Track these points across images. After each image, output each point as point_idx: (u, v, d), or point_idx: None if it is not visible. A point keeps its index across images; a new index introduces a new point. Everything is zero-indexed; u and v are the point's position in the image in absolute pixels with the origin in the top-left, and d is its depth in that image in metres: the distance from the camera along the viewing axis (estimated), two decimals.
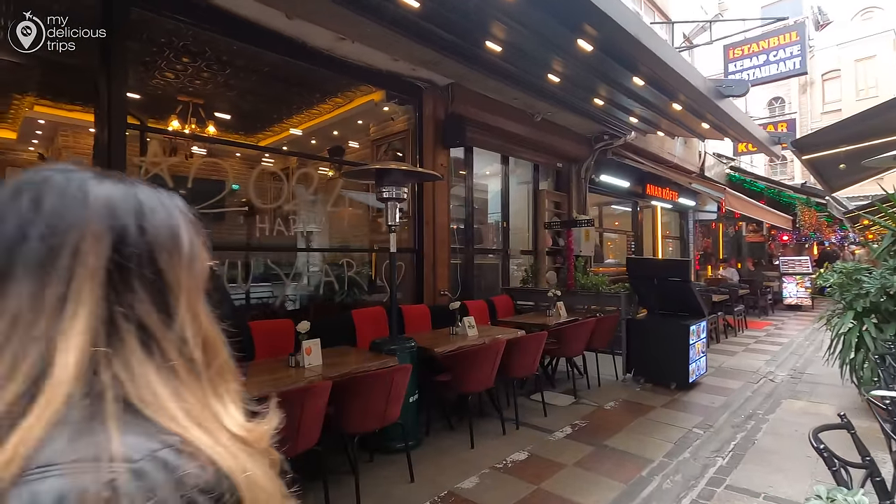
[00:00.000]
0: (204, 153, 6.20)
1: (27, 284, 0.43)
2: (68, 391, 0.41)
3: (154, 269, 0.48)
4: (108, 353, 0.44)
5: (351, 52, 4.70)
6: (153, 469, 0.39)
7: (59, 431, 0.40)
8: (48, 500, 0.36)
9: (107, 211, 0.47)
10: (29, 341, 0.42)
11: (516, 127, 6.45)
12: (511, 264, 7.68)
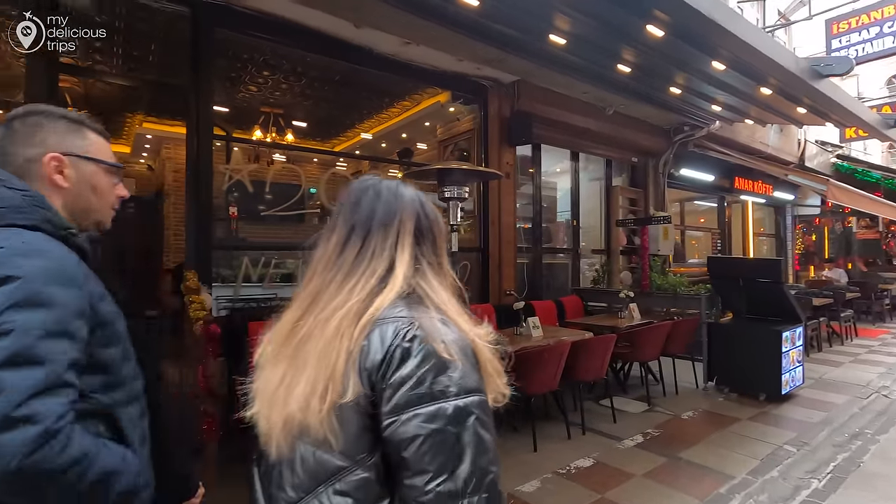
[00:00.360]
0: (283, 159, 6.64)
1: (379, 235, 0.85)
2: (401, 286, 0.81)
3: (431, 232, 0.90)
4: (417, 270, 0.84)
5: (416, 56, 4.80)
6: (442, 323, 0.78)
7: (397, 304, 0.79)
8: (390, 332, 0.74)
9: (411, 202, 0.89)
10: (381, 260, 0.83)
11: (586, 122, 6.24)
12: (582, 264, 7.42)
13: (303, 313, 0.81)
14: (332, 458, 0.72)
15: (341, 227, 0.86)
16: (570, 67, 4.87)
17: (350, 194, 0.89)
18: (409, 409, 0.69)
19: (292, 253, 4.84)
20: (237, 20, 3.85)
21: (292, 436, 0.74)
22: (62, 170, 0.99)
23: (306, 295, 0.82)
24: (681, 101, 5.84)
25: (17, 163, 0.96)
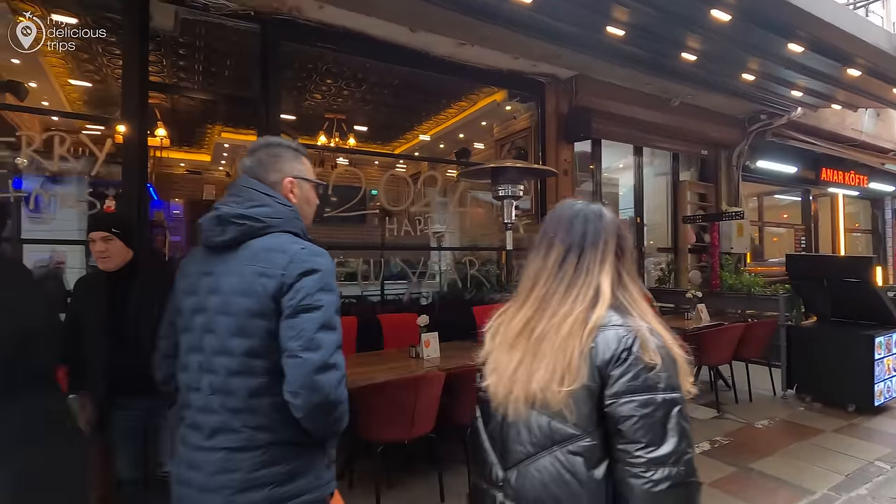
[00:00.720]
0: (346, 163, 6.93)
1: (591, 253, 1.04)
2: (610, 298, 1.00)
3: (627, 249, 1.08)
4: (619, 283, 1.04)
5: (472, 56, 4.84)
6: (650, 332, 0.96)
7: (611, 313, 0.98)
8: (612, 336, 0.94)
9: (612, 224, 1.08)
10: (594, 276, 1.02)
11: (650, 114, 5.98)
12: (647, 263, 7.13)
13: (533, 314, 1.04)
14: (566, 427, 0.95)
15: (559, 246, 1.07)
16: (630, 59, 4.70)
17: (562, 218, 1.10)
18: (626, 396, 0.91)
19: (354, 252, 5.05)
20: (302, 33, 4.07)
21: (531, 407, 0.98)
22: (293, 189, 1.33)
23: (533, 300, 1.05)
24: (755, 87, 5.45)
25: (268, 185, 1.29)
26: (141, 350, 2.13)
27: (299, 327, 1.12)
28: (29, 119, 4.97)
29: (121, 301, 2.17)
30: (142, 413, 2.24)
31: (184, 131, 7.86)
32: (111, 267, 2.15)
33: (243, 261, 1.19)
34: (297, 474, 1.17)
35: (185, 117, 7.09)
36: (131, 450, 2.26)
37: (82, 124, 4.52)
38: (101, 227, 2.14)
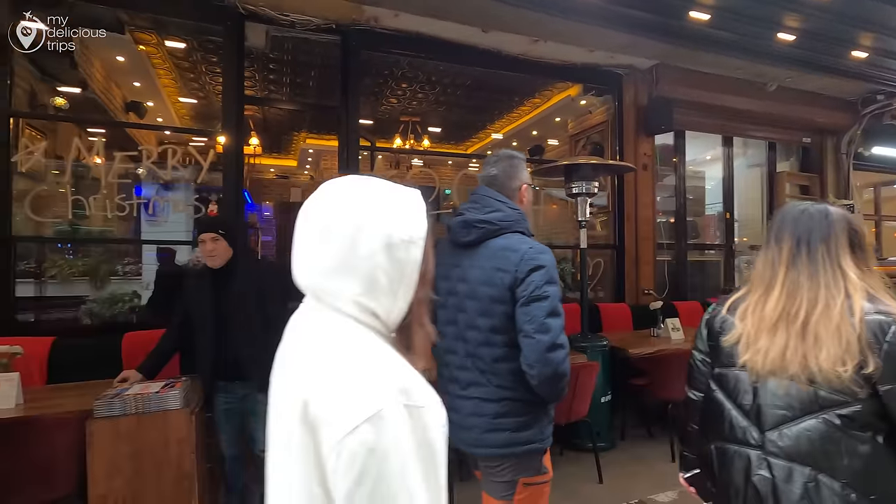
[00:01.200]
0: (420, 164, 7.12)
1: (821, 247, 1.15)
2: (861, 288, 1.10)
3: (862, 242, 1.17)
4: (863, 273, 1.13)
5: (545, 52, 4.77)
6: None
7: (870, 302, 1.10)
8: (881, 324, 1.05)
9: (839, 221, 1.16)
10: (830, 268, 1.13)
11: (741, 101, 5.54)
12: (738, 261, 6.60)
13: (786, 301, 1.15)
14: (832, 395, 1.07)
15: (789, 240, 1.18)
16: (718, 43, 4.39)
17: (787, 217, 1.22)
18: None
19: None
20: (378, 41, 4.26)
21: (810, 382, 1.09)
22: (525, 195, 1.66)
23: (780, 289, 1.17)
24: (867, 65, 4.85)
25: (509, 191, 1.63)
26: (238, 340, 2.38)
27: (532, 314, 1.43)
28: (147, 134, 5.66)
29: (223, 295, 2.42)
30: (240, 397, 2.49)
31: (273, 139, 8.50)
32: (217, 264, 2.41)
33: (484, 258, 1.54)
34: (526, 426, 1.51)
35: (274, 126, 7.67)
36: (230, 429, 2.52)
37: (189, 137, 5.07)
38: (210, 229, 2.40)
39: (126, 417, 2.08)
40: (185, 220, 4.48)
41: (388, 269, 0.66)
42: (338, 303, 0.67)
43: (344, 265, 0.65)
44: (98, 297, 4.33)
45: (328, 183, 0.74)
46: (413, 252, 0.68)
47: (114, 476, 2.05)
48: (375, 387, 0.59)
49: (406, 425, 0.57)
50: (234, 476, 2.56)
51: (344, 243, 0.65)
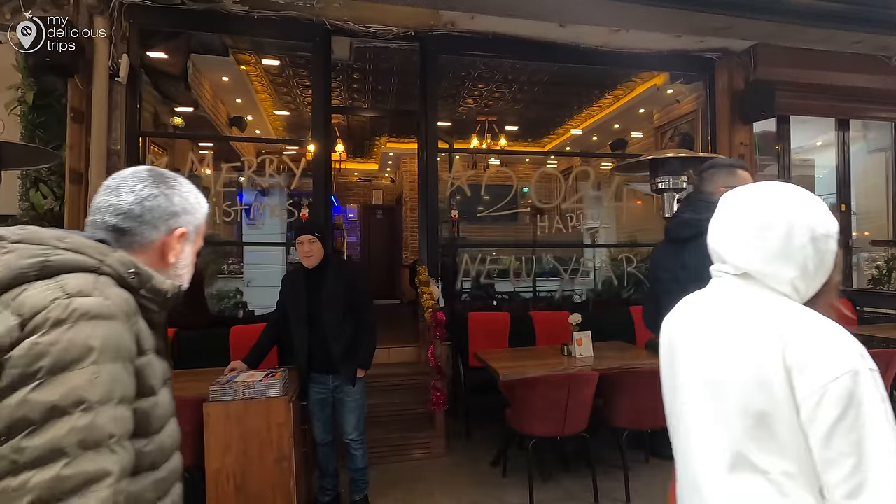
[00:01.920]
0: (497, 163, 7.13)
1: None
2: None
3: None
4: None
5: (626, 42, 4.57)
6: None
7: None
8: None
9: None
10: None
11: (860, 79, 4.92)
12: (857, 259, 5.88)
13: None
14: None
15: None
16: (828, 17, 3.95)
17: None
18: None
19: (506, 249, 5.18)
20: (455, 44, 4.33)
21: None
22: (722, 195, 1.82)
23: None
24: None
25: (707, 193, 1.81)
26: (329, 336, 2.56)
27: None
28: (247, 146, 6.21)
29: (315, 294, 2.62)
30: (331, 388, 2.67)
31: (356, 144, 8.94)
32: (312, 264, 2.62)
33: (696, 252, 1.69)
34: None
35: (357, 132, 8.06)
36: (323, 417, 2.72)
37: (283, 146, 5.49)
38: (308, 231, 2.62)
39: (235, 402, 2.32)
40: (280, 223, 4.87)
41: (814, 258, 0.84)
42: (775, 283, 0.86)
43: (783, 254, 0.84)
44: (208, 294, 4.85)
45: (755, 187, 0.92)
46: (831, 244, 0.85)
47: (226, 453, 2.30)
48: (848, 348, 0.77)
49: (872, 382, 0.74)
50: (326, 460, 2.76)
51: (781, 237, 0.84)
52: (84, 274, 0.71)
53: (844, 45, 4.67)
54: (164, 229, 0.84)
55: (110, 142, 3.62)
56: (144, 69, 3.97)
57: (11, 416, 0.60)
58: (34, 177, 3.44)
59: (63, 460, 0.59)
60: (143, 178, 0.84)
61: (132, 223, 0.81)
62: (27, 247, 0.70)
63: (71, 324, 0.64)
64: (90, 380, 0.63)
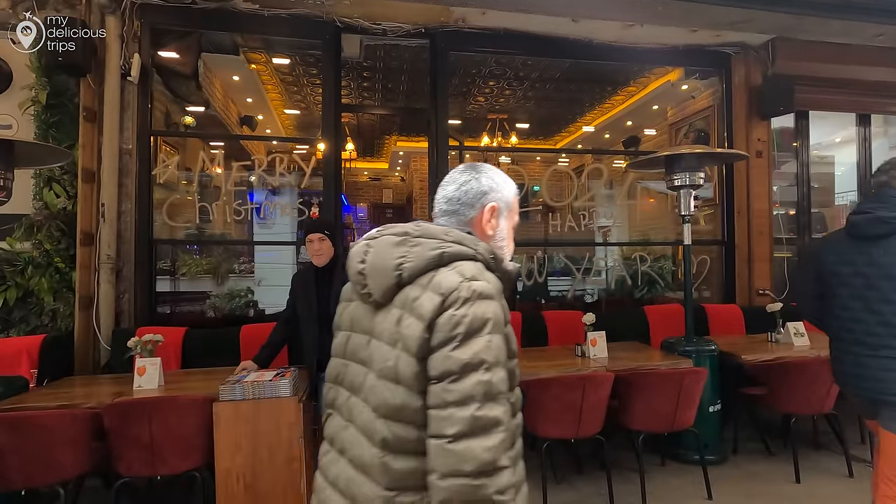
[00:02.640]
0: (508, 161, 7.07)
1: None
2: None
3: None
4: None
5: (641, 37, 4.49)
6: None
7: None
8: None
9: None
10: None
11: (882, 73, 4.79)
12: None
13: None
14: None
15: None
16: (850, 8, 3.85)
17: None
18: None
19: (517, 248, 5.10)
20: (466, 40, 4.28)
21: None
22: None
23: None
24: None
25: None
26: None
27: None
28: (257, 145, 6.21)
29: (326, 292, 2.59)
30: None
31: (366, 143, 8.93)
32: (322, 262, 2.59)
33: (889, 249, 1.86)
34: None
35: (367, 131, 8.05)
36: None
37: (293, 145, 5.47)
38: (317, 230, 2.60)
39: (245, 402, 2.30)
40: (291, 222, 4.86)
41: None
42: None
43: None
44: (219, 293, 4.86)
45: None
46: None
47: (236, 453, 2.28)
48: None
49: None
50: None
51: None
52: (471, 262, 0.90)
53: (866, 38, 4.54)
54: (478, 206, 1.02)
55: (122, 141, 3.63)
56: (156, 68, 3.97)
57: (441, 366, 0.80)
58: (47, 176, 3.46)
59: (475, 405, 0.78)
60: (460, 170, 1.05)
61: (455, 206, 1.02)
62: (428, 241, 0.90)
63: (473, 302, 0.82)
64: (486, 346, 0.81)
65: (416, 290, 0.87)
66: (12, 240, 3.41)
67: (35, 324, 3.42)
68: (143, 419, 2.25)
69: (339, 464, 0.96)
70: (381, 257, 0.92)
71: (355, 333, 1.00)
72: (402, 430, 0.83)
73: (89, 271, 3.46)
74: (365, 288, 0.94)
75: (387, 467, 0.83)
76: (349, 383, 0.99)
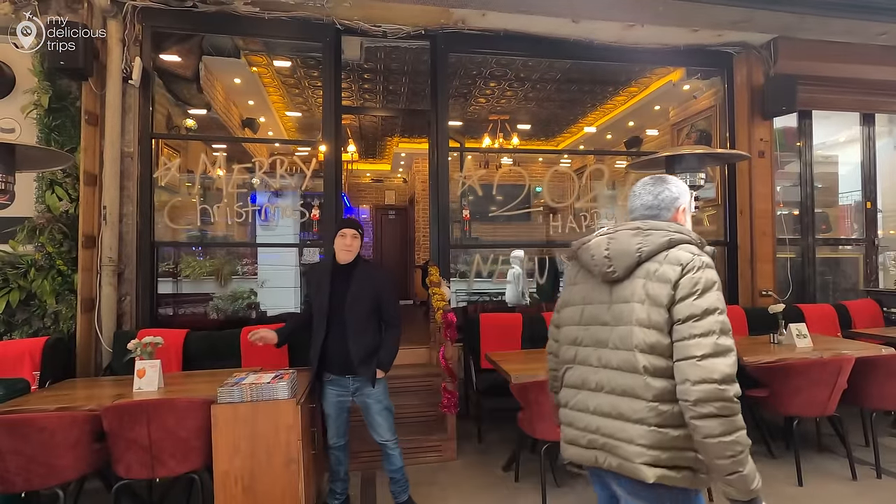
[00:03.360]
0: (510, 162, 7.06)
1: None
2: None
3: None
4: None
5: (641, 37, 4.48)
6: None
7: None
8: None
9: None
10: None
11: (884, 71, 4.76)
12: (884, 258, 5.69)
13: None
14: None
15: None
16: (851, 7, 3.82)
17: None
18: None
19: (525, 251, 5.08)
20: (466, 42, 4.28)
21: None
22: None
23: None
24: None
25: None
26: (352, 338, 2.51)
27: None
28: (259, 147, 6.24)
29: (342, 291, 2.56)
30: (351, 391, 2.61)
31: (368, 145, 8.94)
32: (348, 259, 2.58)
33: None
34: None
35: (369, 133, 8.06)
36: (340, 421, 2.66)
37: (295, 147, 5.50)
38: (352, 226, 2.61)
39: (243, 404, 2.31)
40: (293, 224, 4.87)
41: None
42: None
43: None
44: (222, 295, 4.88)
45: None
46: None
47: (234, 455, 2.28)
48: None
49: None
50: (338, 464, 2.71)
51: None
52: (689, 244, 1.29)
53: (869, 37, 4.51)
54: (672, 209, 1.42)
55: (124, 144, 3.65)
56: (157, 72, 4.00)
57: (686, 311, 1.19)
58: (50, 179, 3.49)
59: (714, 336, 1.16)
60: (651, 183, 1.45)
61: (655, 210, 1.41)
62: (657, 231, 1.31)
63: (703, 269, 1.23)
64: (717, 298, 1.21)
65: (654, 265, 1.27)
66: (15, 242, 3.43)
67: (37, 326, 3.45)
68: (141, 421, 2.26)
69: (597, 397, 1.34)
70: (622, 244, 1.32)
71: (591, 305, 1.40)
72: (657, 361, 1.22)
73: (91, 274, 3.48)
74: (610, 267, 1.33)
75: (649, 386, 1.22)
76: (592, 340, 1.37)
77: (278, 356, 3.38)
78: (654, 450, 1.21)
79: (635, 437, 1.23)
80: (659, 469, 1.20)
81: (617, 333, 1.29)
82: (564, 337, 1.49)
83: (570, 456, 1.41)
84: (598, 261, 1.36)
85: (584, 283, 1.42)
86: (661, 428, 1.21)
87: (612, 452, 1.28)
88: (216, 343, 3.52)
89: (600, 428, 1.31)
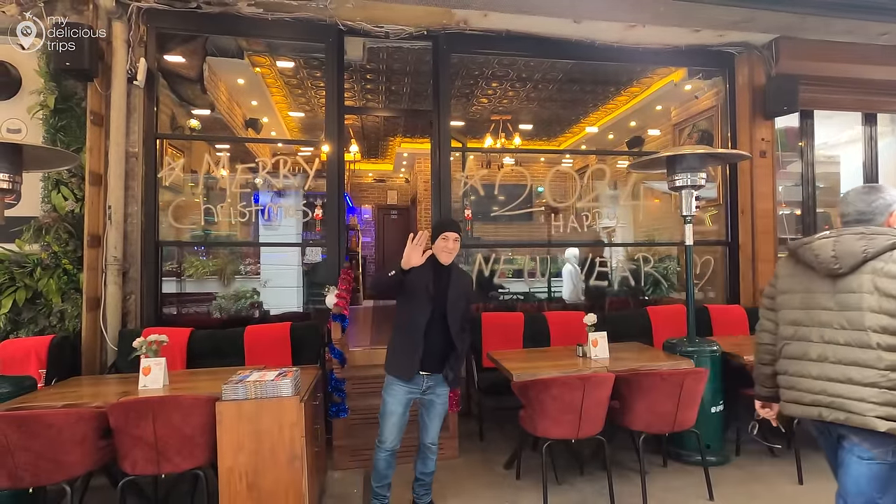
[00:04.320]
0: (512, 162, 7.08)
1: None
2: None
3: None
4: None
5: (643, 38, 4.49)
6: None
7: None
8: None
9: None
10: None
11: (886, 71, 4.75)
12: None
13: None
14: None
15: None
16: (852, 7, 3.83)
17: None
18: None
19: (521, 249, 5.11)
20: (468, 42, 4.30)
21: None
22: None
23: None
24: None
25: None
26: (442, 336, 2.52)
27: None
28: (262, 147, 6.27)
29: (445, 287, 2.55)
30: (422, 389, 2.57)
31: (371, 145, 8.97)
32: (449, 261, 2.57)
33: None
34: None
35: (371, 133, 8.08)
36: (402, 421, 2.57)
37: (297, 147, 5.53)
38: (455, 230, 2.58)
39: (248, 401, 2.33)
40: (296, 224, 4.89)
41: None
42: None
43: None
44: (225, 294, 4.91)
45: None
46: None
47: (238, 452, 2.31)
48: None
49: None
50: (389, 468, 2.58)
51: None
52: None
53: (871, 37, 4.52)
54: (885, 214, 1.64)
55: (128, 144, 3.68)
56: (161, 72, 4.03)
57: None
58: (55, 179, 3.52)
59: None
60: (864, 192, 1.69)
61: (869, 216, 1.64)
62: (880, 235, 1.55)
63: None
64: None
65: (880, 263, 1.53)
66: (21, 242, 3.47)
67: (43, 324, 3.48)
68: (147, 418, 2.28)
69: (823, 366, 1.62)
70: (848, 245, 1.57)
71: (813, 293, 1.66)
72: (890, 339, 1.51)
73: (96, 273, 3.51)
74: (836, 265, 1.58)
75: (881, 358, 1.51)
76: (815, 321, 1.65)
77: (282, 354, 3.41)
78: (885, 406, 1.51)
79: (867, 397, 1.52)
80: (890, 423, 1.50)
81: (844, 317, 1.58)
82: (782, 318, 1.78)
83: (791, 412, 1.75)
84: (823, 259, 1.61)
85: (803, 276, 1.70)
86: (891, 390, 1.50)
87: (839, 409, 1.58)
88: (220, 342, 3.55)
89: (825, 390, 1.61)
